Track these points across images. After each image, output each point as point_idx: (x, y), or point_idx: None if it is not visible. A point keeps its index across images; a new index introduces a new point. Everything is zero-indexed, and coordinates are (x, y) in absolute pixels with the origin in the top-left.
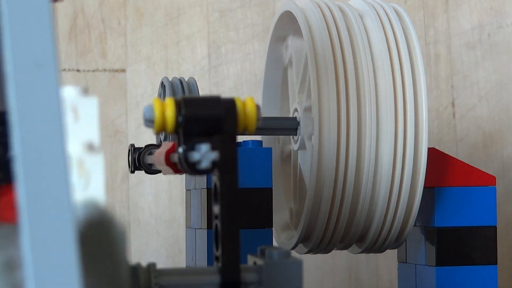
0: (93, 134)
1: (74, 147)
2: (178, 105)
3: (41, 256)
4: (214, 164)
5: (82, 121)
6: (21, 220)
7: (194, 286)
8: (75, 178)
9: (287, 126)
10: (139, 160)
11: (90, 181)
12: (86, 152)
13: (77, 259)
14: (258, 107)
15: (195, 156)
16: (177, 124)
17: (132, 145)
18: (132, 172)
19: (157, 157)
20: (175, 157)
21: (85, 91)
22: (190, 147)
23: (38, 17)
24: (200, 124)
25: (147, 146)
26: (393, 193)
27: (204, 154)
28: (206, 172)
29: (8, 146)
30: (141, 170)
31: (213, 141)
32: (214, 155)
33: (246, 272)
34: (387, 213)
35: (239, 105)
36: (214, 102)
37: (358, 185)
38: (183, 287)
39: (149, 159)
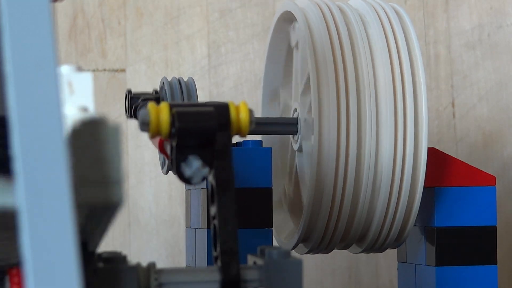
0: (87, 102)
1: (70, 110)
2: (172, 115)
3: (41, 256)
4: (205, 178)
5: (77, 93)
6: (21, 220)
7: (194, 285)
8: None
9: (287, 126)
10: (135, 111)
11: None
12: (81, 113)
13: (77, 259)
14: (251, 112)
15: (186, 172)
16: (171, 135)
17: (129, 91)
18: (128, 118)
19: (152, 140)
20: (167, 148)
21: (79, 68)
22: (183, 159)
23: (38, 17)
24: (193, 137)
25: (143, 100)
26: (393, 193)
27: (195, 170)
28: (198, 183)
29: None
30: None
31: (206, 155)
32: (205, 172)
33: (246, 272)
34: (387, 213)
35: (232, 111)
36: (208, 114)
37: (358, 185)
38: (183, 287)
39: None
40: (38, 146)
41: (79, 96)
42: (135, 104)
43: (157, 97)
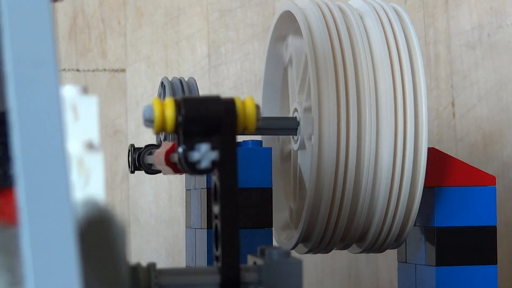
0: (92, 133)
1: (74, 146)
2: (178, 105)
3: (41, 256)
4: (214, 163)
5: (81, 120)
6: (21, 220)
7: (194, 286)
8: (75, 177)
9: (287, 126)
10: (139, 160)
11: (90, 179)
12: (86, 151)
13: (77, 259)
14: (258, 107)
15: (195, 156)
16: (177, 124)
17: (132, 145)
18: (132, 172)
19: (157, 157)
20: (175, 157)
21: (85, 90)
22: (190, 147)
23: (38, 17)
24: (200, 124)
25: (147, 146)
26: (393, 193)
27: (204, 154)
28: (206, 172)
29: (8, 146)
30: (141, 170)
31: (213, 141)
32: (214, 155)
33: (246, 272)
34: (387, 213)
35: (238, 105)
36: (214, 102)
37: (358, 184)
38: (183, 287)
39: (149, 159)
40: (38, 146)
41: (83, 124)
42: (138, 152)
43: (159, 145)
